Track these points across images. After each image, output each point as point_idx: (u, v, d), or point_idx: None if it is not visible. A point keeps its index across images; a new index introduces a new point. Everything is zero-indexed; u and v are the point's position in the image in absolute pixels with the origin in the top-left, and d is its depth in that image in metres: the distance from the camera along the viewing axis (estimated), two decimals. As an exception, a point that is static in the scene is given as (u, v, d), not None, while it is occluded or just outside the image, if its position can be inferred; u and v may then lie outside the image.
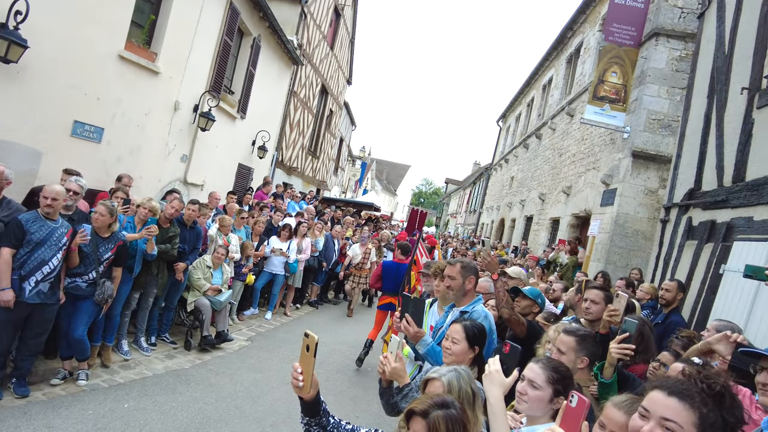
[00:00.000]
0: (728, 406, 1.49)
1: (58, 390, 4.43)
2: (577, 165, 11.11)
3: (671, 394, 1.47)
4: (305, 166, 17.54)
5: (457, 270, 3.26)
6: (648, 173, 8.22)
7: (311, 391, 1.82)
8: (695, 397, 1.45)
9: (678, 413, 1.43)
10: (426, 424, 1.58)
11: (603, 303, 3.48)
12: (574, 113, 11.89)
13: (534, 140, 15.89)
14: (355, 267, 10.08)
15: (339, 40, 18.77)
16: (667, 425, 1.43)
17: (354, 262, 10.09)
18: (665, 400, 1.46)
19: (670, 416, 1.43)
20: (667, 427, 1.42)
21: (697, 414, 1.42)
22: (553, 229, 12.35)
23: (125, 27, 6.75)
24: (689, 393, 1.46)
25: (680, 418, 1.42)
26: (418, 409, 1.63)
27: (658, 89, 8.25)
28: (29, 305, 4.05)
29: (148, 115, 7.58)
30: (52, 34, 5.62)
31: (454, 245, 17.72)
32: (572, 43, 13.46)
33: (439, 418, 1.57)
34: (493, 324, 3.22)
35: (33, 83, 5.54)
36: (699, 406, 1.43)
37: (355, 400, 5.60)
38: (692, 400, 1.44)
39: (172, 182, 8.76)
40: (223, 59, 9.51)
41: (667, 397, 1.47)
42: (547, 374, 2.04)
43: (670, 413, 1.43)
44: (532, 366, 2.11)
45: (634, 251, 8.20)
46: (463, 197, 36.16)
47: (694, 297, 5.88)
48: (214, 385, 5.24)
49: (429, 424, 1.57)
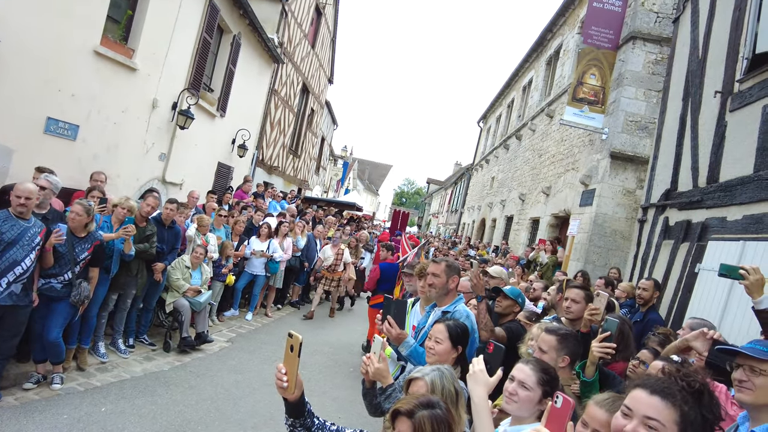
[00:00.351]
0: (707, 403, 1.52)
1: (31, 394, 4.30)
2: (557, 166, 11.25)
3: (653, 393, 1.49)
4: (286, 165, 17.40)
5: (441, 269, 3.26)
6: (626, 174, 8.37)
7: (296, 392, 1.81)
8: (676, 395, 1.47)
9: (660, 412, 1.45)
10: (411, 424, 1.58)
11: (584, 302, 3.52)
12: (554, 114, 12.04)
13: (514, 141, 16.04)
14: (327, 269, 9.48)
15: (320, 38, 18.68)
16: (649, 423, 1.45)
17: (326, 264, 9.46)
18: (648, 399, 1.49)
19: (652, 415, 1.45)
20: (650, 426, 1.44)
21: (678, 412, 1.44)
22: (533, 229, 12.49)
23: (101, 22, 6.59)
24: (671, 391, 1.49)
25: (662, 417, 1.44)
26: (404, 409, 1.62)
27: (636, 91, 8.41)
28: (1, 307, 3.91)
29: (126, 112, 7.42)
30: (25, 28, 5.46)
31: (435, 245, 17.80)
32: (552, 45, 13.63)
33: (425, 418, 1.57)
34: (475, 323, 3.24)
35: (4, 78, 5.37)
36: (680, 404, 1.45)
37: (338, 401, 5.58)
38: (674, 399, 1.46)
39: (151, 181, 8.60)
40: (203, 57, 9.37)
41: (650, 395, 1.49)
42: (537, 376, 2.07)
43: (652, 412, 1.46)
44: (522, 367, 2.13)
45: (612, 251, 8.34)
46: (444, 197, 36.36)
47: (671, 295, 6.01)
48: (194, 387, 5.16)
49: (414, 424, 1.57)
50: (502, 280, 5.01)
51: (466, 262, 10.08)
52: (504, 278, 5.11)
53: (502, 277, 5.11)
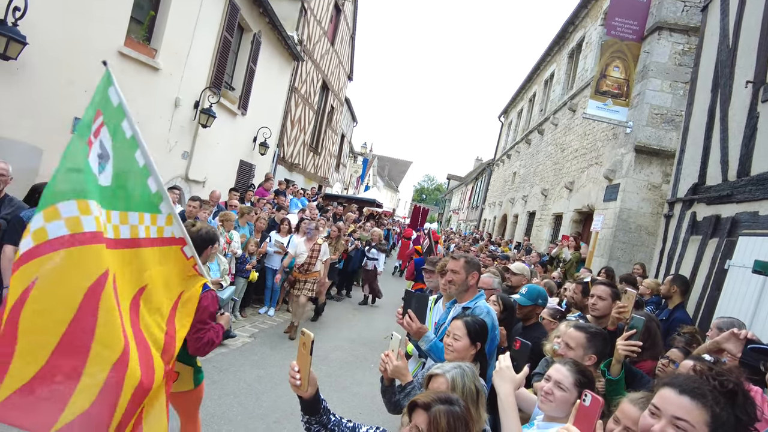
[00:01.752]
0: (741, 404, 1.46)
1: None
2: (580, 160, 11.06)
3: (683, 393, 1.44)
4: (307, 162, 17.51)
5: (460, 265, 3.22)
6: (651, 168, 8.18)
7: (309, 389, 1.82)
8: (707, 395, 1.42)
9: (690, 412, 1.40)
10: (427, 417, 1.57)
11: (610, 299, 3.45)
12: (576, 108, 11.83)
13: (536, 136, 15.84)
14: (298, 270, 7.43)
15: (339, 35, 18.71)
16: (678, 424, 1.40)
17: (298, 262, 7.43)
18: (677, 399, 1.43)
19: (681, 415, 1.40)
20: (678, 426, 1.40)
21: (709, 413, 1.39)
22: (556, 225, 12.32)
23: (125, 23, 6.72)
24: (701, 391, 1.43)
25: (692, 417, 1.39)
26: (421, 402, 1.62)
27: (661, 84, 8.21)
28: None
29: (149, 111, 7.56)
30: (51, 31, 5.60)
31: (456, 241, 17.70)
32: (574, 37, 13.39)
33: (441, 412, 1.57)
34: (495, 320, 3.18)
35: (32, 80, 5.52)
36: (711, 405, 1.40)
37: (359, 397, 5.59)
38: (704, 399, 1.41)
39: (174, 179, 8.74)
40: (224, 55, 9.47)
41: (679, 395, 1.44)
42: (575, 377, 2.06)
43: (681, 412, 1.41)
44: (559, 368, 2.11)
45: (637, 246, 8.17)
46: (465, 193, 36.13)
47: (699, 293, 5.85)
48: (217, 381, 5.23)
49: (430, 417, 1.57)
50: (524, 277, 4.94)
51: (488, 258, 10.00)
52: (526, 275, 5.04)
53: (524, 273, 5.04)
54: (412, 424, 1.60)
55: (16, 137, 5.47)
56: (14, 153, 5.33)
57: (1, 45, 4.95)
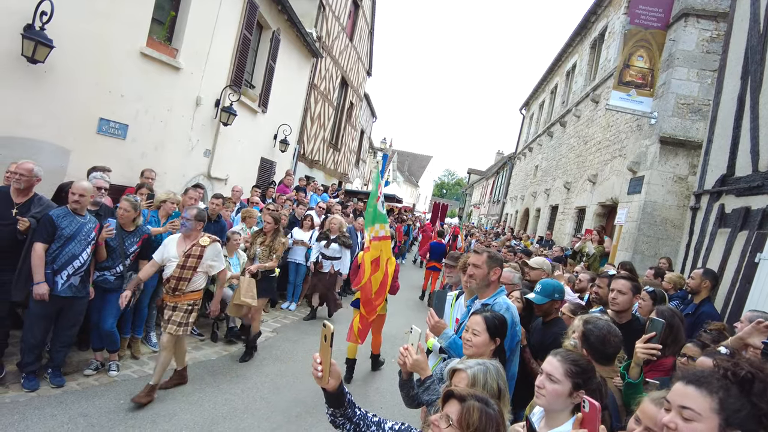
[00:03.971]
0: (758, 392, 1.44)
1: (91, 380, 4.56)
2: (603, 152, 10.85)
3: (689, 383, 1.46)
4: (327, 158, 17.58)
5: (483, 259, 3.19)
6: (677, 160, 7.97)
7: (331, 382, 1.83)
8: (713, 383, 1.43)
9: (694, 400, 1.41)
10: (461, 408, 1.58)
11: (630, 293, 3.39)
12: (599, 99, 11.60)
13: (558, 128, 15.59)
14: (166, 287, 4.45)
15: (358, 31, 18.69)
16: (684, 413, 1.40)
17: (165, 273, 4.47)
18: (683, 389, 1.45)
19: (686, 404, 1.41)
20: (685, 416, 1.40)
21: (715, 400, 1.39)
22: (579, 219, 12.12)
23: (146, 24, 6.83)
24: (707, 380, 1.44)
25: (697, 405, 1.40)
26: (457, 393, 1.63)
27: (688, 72, 7.97)
28: (62, 299, 4.16)
29: (171, 110, 7.69)
30: (76, 34, 5.73)
31: (477, 236, 17.58)
32: (596, 27, 13.11)
33: (475, 407, 1.57)
34: (516, 316, 3.14)
35: (59, 82, 5.67)
36: (717, 392, 1.40)
37: (379, 392, 5.62)
38: (709, 386, 1.42)
39: (196, 177, 8.89)
40: (243, 53, 9.56)
41: (686, 385, 1.46)
42: (565, 367, 1.98)
43: (686, 401, 1.42)
44: (550, 359, 2.05)
45: (662, 240, 7.99)
46: (486, 187, 35.82)
47: (728, 287, 5.69)
48: (240, 376, 5.32)
49: (463, 409, 1.58)
50: (544, 272, 4.85)
51: (509, 253, 9.90)
52: (546, 269, 4.94)
53: (544, 268, 4.94)
54: (444, 412, 1.61)
55: (44, 138, 5.63)
56: (43, 153, 5.49)
57: (30, 49, 5.09)
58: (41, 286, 4.00)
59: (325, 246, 7.96)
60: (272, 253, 5.99)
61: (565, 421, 1.97)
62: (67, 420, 3.81)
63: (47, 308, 4.11)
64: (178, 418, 4.15)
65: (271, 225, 6.07)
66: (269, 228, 6.09)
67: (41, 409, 3.89)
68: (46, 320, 4.19)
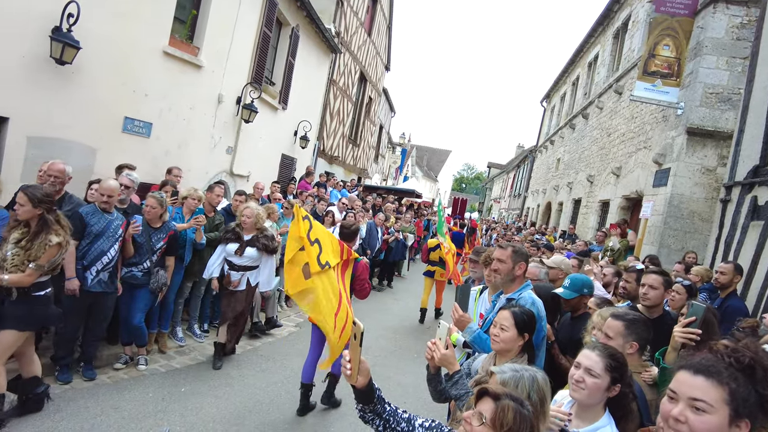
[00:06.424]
0: (760, 379, 1.41)
1: (121, 374, 4.66)
2: (627, 145, 10.64)
3: (697, 373, 1.40)
4: (346, 154, 17.62)
5: (507, 254, 3.15)
6: (705, 151, 7.78)
7: (360, 379, 1.83)
8: (723, 372, 1.38)
9: (706, 391, 1.36)
10: (495, 407, 1.54)
11: (662, 288, 3.31)
12: (623, 91, 11.37)
13: (580, 120, 15.33)
14: None
15: (376, 26, 18.64)
16: (696, 405, 1.36)
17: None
18: (692, 380, 1.40)
19: (698, 395, 1.36)
20: (696, 407, 1.35)
21: (726, 390, 1.35)
22: (603, 212, 11.92)
23: (168, 23, 6.92)
24: (716, 369, 1.39)
25: (709, 396, 1.35)
26: (492, 391, 1.59)
27: (717, 60, 7.75)
28: (92, 294, 4.26)
29: (194, 108, 7.78)
30: (101, 35, 5.83)
31: (498, 231, 17.45)
32: (619, 16, 12.83)
33: (510, 407, 1.53)
34: (542, 310, 3.09)
35: (86, 83, 5.78)
36: (728, 382, 1.36)
37: (402, 386, 5.63)
38: (720, 376, 1.37)
39: (219, 174, 8.99)
40: (263, 51, 9.61)
41: (694, 375, 1.40)
42: (605, 362, 1.97)
43: (698, 392, 1.37)
44: (588, 354, 2.02)
45: (690, 234, 7.81)
46: (506, 181, 35.49)
47: (761, 281, 5.54)
48: (265, 370, 5.38)
49: (497, 407, 1.53)
50: (561, 271, 4.71)
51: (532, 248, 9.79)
52: (564, 269, 4.78)
53: (562, 267, 4.78)
54: (477, 410, 1.57)
55: (72, 138, 5.76)
56: (71, 153, 5.62)
57: (58, 51, 5.21)
58: (73, 282, 4.11)
59: (237, 252, 5.17)
60: (30, 260, 3.38)
61: (598, 414, 1.97)
62: (100, 412, 3.91)
63: (78, 303, 4.21)
64: (205, 412, 4.22)
65: (28, 211, 3.38)
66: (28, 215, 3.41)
67: (74, 401, 4.00)
68: (77, 315, 4.29)
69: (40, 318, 3.61)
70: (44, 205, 3.44)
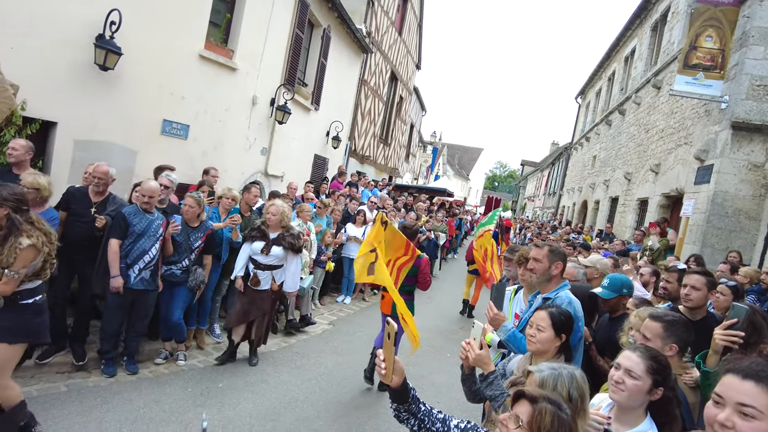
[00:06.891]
0: None
1: (161, 369, 4.82)
2: (666, 141, 10.29)
3: (746, 377, 1.34)
4: (377, 154, 17.67)
5: (544, 253, 3.10)
6: (752, 146, 7.44)
7: (395, 378, 1.83)
8: None
9: (756, 397, 1.30)
10: (532, 410, 1.51)
11: (705, 289, 3.19)
12: (662, 85, 11.00)
13: (617, 116, 14.92)
14: None
15: (407, 24, 18.61)
16: (744, 411, 1.29)
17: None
18: (740, 384, 1.34)
19: (747, 401, 1.30)
20: (745, 413, 1.29)
21: None
22: (641, 211, 11.57)
23: (204, 27, 7.10)
24: (766, 374, 1.32)
25: (759, 402, 1.29)
26: (529, 394, 1.57)
27: (764, 51, 7.41)
28: (134, 291, 4.43)
29: (229, 110, 7.95)
30: (141, 41, 6.03)
31: (532, 230, 17.18)
32: (657, 8, 12.42)
33: (547, 410, 1.50)
34: (579, 310, 3.03)
35: (127, 87, 6.00)
36: None
37: (436, 386, 5.62)
38: None
39: (254, 174, 9.17)
40: (296, 52, 9.74)
41: (742, 380, 1.34)
42: (646, 364, 1.90)
43: (746, 398, 1.31)
44: (629, 355, 1.96)
45: (735, 232, 7.49)
46: (540, 179, 34.87)
47: (813, 281, 5.27)
48: (300, 367, 5.46)
49: (535, 410, 1.51)
50: (597, 270, 4.59)
51: (569, 247, 9.59)
52: (600, 268, 4.66)
53: (597, 267, 4.66)
54: (513, 412, 1.55)
55: (114, 140, 5.98)
56: (113, 155, 5.83)
57: (101, 57, 5.42)
58: (117, 280, 4.27)
59: (263, 250, 5.08)
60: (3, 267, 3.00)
61: (639, 418, 1.90)
62: (142, 405, 4.05)
63: (122, 300, 4.38)
64: (242, 407, 4.32)
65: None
66: None
67: (119, 394, 4.16)
68: (121, 311, 4.47)
69: (27, 329, 3.15)
70: (9, 203, 3.02)
